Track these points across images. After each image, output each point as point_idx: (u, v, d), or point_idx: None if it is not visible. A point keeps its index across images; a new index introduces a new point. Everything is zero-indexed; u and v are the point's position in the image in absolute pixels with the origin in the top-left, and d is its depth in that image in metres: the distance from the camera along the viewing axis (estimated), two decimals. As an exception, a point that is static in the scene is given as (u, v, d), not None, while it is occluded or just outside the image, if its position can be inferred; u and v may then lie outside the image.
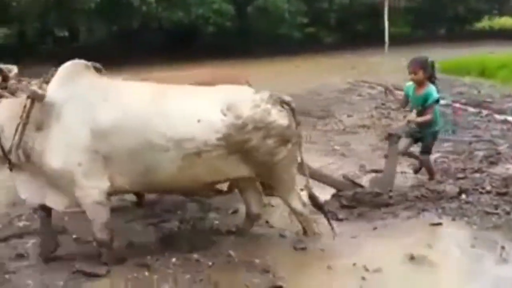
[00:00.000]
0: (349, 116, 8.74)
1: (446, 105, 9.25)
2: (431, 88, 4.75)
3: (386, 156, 4.91)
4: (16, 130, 3.28)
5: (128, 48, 19.13)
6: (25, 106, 3.29)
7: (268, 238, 4.04)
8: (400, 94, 5.40)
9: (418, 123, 4.85)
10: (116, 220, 4.35)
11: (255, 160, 3.49)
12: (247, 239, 3.97)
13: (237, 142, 3.39)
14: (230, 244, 3.85)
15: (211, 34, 21.29)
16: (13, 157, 3.36)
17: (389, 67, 14.28)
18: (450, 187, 4.82)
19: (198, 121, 3.33)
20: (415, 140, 5.04)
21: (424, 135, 4.95)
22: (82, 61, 3.61)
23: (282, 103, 3.59)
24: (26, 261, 3.75)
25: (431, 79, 4.83)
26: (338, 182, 4.68)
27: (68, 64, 3.53)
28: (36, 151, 3.33)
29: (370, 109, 9.43)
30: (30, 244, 4.00)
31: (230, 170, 3.52)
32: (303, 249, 3.80)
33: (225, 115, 3.37)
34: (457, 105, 9.29)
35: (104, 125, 3.28)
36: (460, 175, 5.29)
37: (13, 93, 4.01)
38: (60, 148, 3.28)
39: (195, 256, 3.65)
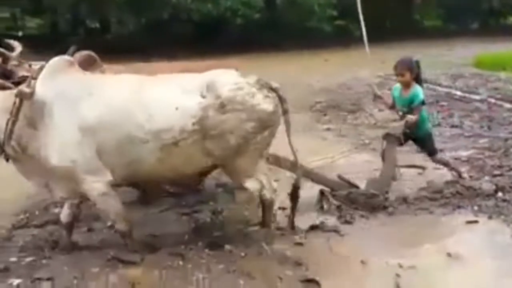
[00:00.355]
0: (380, 110, 8.61)
1: (481, 101, 9.03)
2: (417, 89, 4.64)
3: (382, 157, 4.80)
4: (6, 125, 3.31)
5: (158, 39, 19.30)
6: (14, 103, 3.31)
7: (300, 231, 4.00)
8: (387, 94, 5.22)
9: (412, 122, 4.66)
10: (149, 210, 4.44)
11: (225, 144, 3.36)
12: (279, 232, 3.96)
13: (213, 124, 3.29)
14: (261, 236, 3.84)
15: (239, 26, 21.32)
16: (8, 149, 3.40)
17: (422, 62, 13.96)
18: (486, 185, 4.73)
19: (176, 108, 3.28)
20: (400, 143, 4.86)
21: (419, 136, 4.85)
22: (66, 57, 3.63)
23: (270, 89, 3.49)
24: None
25: (417, 79, 4.73)
26: (332, 182, 4.51)
27: (53, 61, 3.52)
28: (33, 146, 3.37)
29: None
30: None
31: (203, 159, 3.45)
32: (336, 242, 3.77)
33: (204, 97, 3.32)
34: (492, 100, 9.03)
35: (90, 121, 3.29)
36: (496, 172, 5.17)
37: (10, 75, 3.98)
38: (55, 146, 3.31)
39: (228, 247, 3.67)
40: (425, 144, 4.92)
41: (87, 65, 4.06)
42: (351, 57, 16.77)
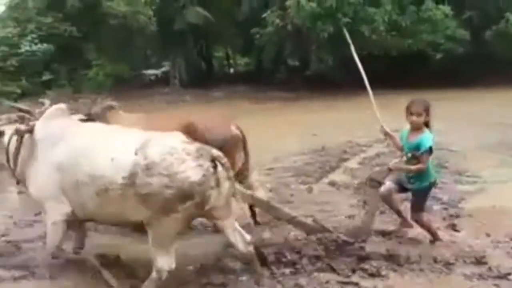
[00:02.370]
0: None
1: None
2: (427, 135, 4.13)
3: (364, 202, 4.34)
4: (13, 156, 4.00)
5: (354, 74, 19.57)
6: (17, 139, 3.97)
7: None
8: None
9: (409, 171, 4.20)
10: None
11: (151, 205, 3.27)
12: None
13: (141, 183, 3.26)
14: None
15: (439, 60, 20.30)
16: (15, 175, 4.06)
17: None
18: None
19: (111, 159, 3.39)
20: (402, 189, 4.37)
21: (413, 188, 4.28)
22: (62, 105, 4.13)
23: (213, 158, 3.33)
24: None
25: (427, 125, 4.21)
26: (307, 226, 4.18)
27: (51, 108, 4.10)
28: (26, 173, 3.94)
29: None
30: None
31: (132, 212, 3.39)
32: None
33: (136, 154, 3.33)
34: None
35: (57, 161, 3.68)
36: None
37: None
38: (32, 176, 3.87)
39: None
40: (416, 196, 4.32)
41: (106, 111, 4.76)
42: None
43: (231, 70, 31.16)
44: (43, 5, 22.91)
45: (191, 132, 4.26)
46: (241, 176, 4.70)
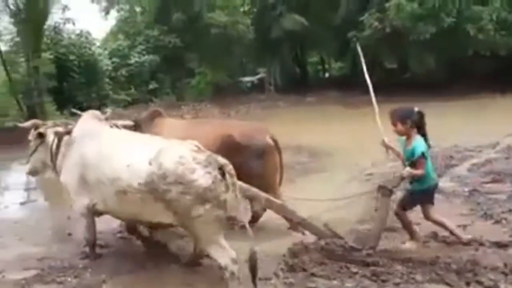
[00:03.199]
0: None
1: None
2: (417, 142, 4.22)
3: (375, 210, 4.32)
4: (54, 153, 4.61)
5: (456, 75, 18.66)
6: (54, 140, 4.61)
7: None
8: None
9: (416, 176, 4.22)
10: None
11: (174, 210, 3.59)
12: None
13: (159, 190, 3.57)
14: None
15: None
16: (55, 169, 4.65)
17: None
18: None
19: (127, 166, 3.73)
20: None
21: (411, 189, 4.39)
22: (94, 112, 4.72)
23: (220, 166, 3.57)
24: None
25: (420, 130, 4.28)
26: (319, 231, 4.31)
27: (85, 113, 4.66)
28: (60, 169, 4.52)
29: None
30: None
31: (154, 213, 3.73)
32: None
33: (150, 164, 3.61)
34: None
35: (83, 159, 4.14)
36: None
37: None
38: (63, 170, 4.43)
39: None
40: (411, 197, 4.38)
41: (152, 117, 5.32)
42: None
43: (326, 75, 31.04)
44: (151, 19, 24.72)
45: (228, 141, 4.69)
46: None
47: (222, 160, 3.65)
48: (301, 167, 8.64)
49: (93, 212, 4.24)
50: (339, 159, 9.07)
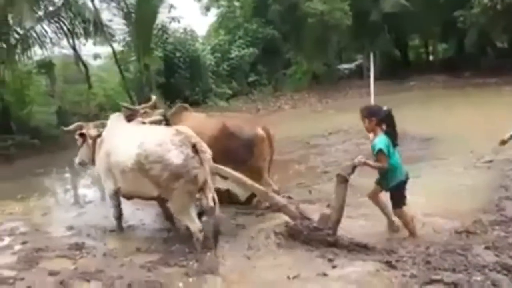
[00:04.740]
0: None
1: None
2: (377, 138, 4.53)
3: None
4: (93, 150, 5.62)
5: None
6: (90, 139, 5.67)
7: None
8: None
9: (371, 167, 4.57)
10: None
11: (158, 184, 4.53)
12: None
13: (145, 169, 4.52)
14: None
15: None
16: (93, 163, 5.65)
17: None
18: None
19: (125, 150, 4.72)
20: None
21: (388, 189, 4.69)
22: (117, 114, 5.67)
23: (193, 145, 4.43)
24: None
25: (389, 130, 4.58)
26: (292, 213, 4.75)
27: (113, 115, 5.64)
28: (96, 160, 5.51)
29: None
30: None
31: (146, 188, 4.66)
32: None
33: (139, 146, 4.57)
34: None
35: (107, 149, 5.10)
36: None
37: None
38: (98, 160, 5.37)
39: None
40: (392, 195, 4.67)
41: (179, 112, 6.20)
42: None
43: (430, 58, 29.56)
44: (249, 12, 25.37)
45: (224, 130, 5.55)
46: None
47: (195, 139, 4.52)
48: (408, 155, 8.35)
49: (118, 194, 5.22)
50: (451, 145, 8.66)
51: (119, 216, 5.48)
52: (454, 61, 23.92)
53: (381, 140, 4.49)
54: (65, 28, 18.42)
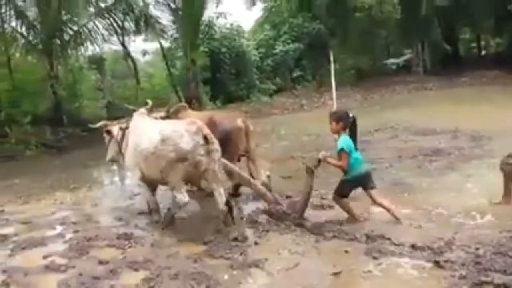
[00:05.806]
0: None
1: None
2: (341, 139, 5.11)
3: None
4: (120, 144, 6.13)
5: None
6: (118, 133, 6.18)
7: None
8: None
9: (331, 164, 5.17)
10: None
11: (164, 165, 5.10)
12: None
13: (159, 150, 5.11)
14: None
15: None
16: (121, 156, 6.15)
17: None
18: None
19: (149, 137, 5.28)
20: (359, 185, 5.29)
21: (342, 179, 5.26)
22: (140, 110, 6.16)
23: (204, 136, 5.03)
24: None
25: (351, 133, 5.18)
26: (268, 198, 5.67)
27: (135, 113, 6.07)
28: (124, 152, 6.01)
29: None
30: None
31: (161, 171, 5.17)
32: None
33: (159, 133, 5.19)
34: None
35: (134, 144, 5.62)
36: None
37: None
38: (128, 154, 5.81)
39: None
40: (342, 184, 5.25)
41: (179, 111, 6.88)
42: None
43: (482, 53, 28.40)
44: (295, 7, 25.20)
45: (211, 123, 6.11)
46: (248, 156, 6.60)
47: (206, 131, 5.10)
48: (460, 153, 8.20)
49: (145, 183, 5.61)
50: (503, 144, 8.30)
51: (155, 207, 5.73)
52: (507, 56, 22.84)
53: (344, 141, 5.10)
54: (115, 24, 18.99)
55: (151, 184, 5.68)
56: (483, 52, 28.02)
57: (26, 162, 13.12)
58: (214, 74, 21.76)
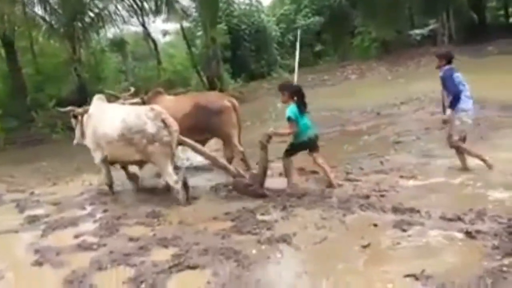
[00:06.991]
0: None
1: None
2: (289, 108, 5.59)
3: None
4: (82, 127, 6.61)
5: None
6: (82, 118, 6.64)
7: None
8: None
9: (281, 135, 5.79)
10: None
11: (138, 150, 5.73)
12: None
13: (128, 138, 5.74)
14: None
15: None
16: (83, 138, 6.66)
17: None
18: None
19: (111, 123, 5.87)
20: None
21: (291, 142, 5.79)
22: (99, 95, 6.69)
23: (163, 119, 5.66)
24: None
25: (298, 100, 5.61)
26: (232, 172, 5.94)
27: (95, 97, 6.62)
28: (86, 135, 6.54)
29: None
30: None
31: (130, 154, 5.87)
32: None
33: (122, 121, 5.77)
34: None
35: (93, 126, 6.21)
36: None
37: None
38: (88, 136, 6.38)
39: None
40: (290, 148, 5.79)
41: (155, 96, 7.19)
42: None
43: (510, 20, 27.36)
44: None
45: (197, 105, 6.65)
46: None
47: (164, 115, 5.70)
48: (490, 123, 7.99)
49: (107, 161, 6.24)
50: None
51: (110, 183, 6.53)
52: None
53: (290, 110, 5.53)
54: (135, 5, 18.95)
55: (112, 163, 6.38)
56: (511, 20, 26.98)
57: (53, 145, 13.40)
58: (235, 52, 21.61)
